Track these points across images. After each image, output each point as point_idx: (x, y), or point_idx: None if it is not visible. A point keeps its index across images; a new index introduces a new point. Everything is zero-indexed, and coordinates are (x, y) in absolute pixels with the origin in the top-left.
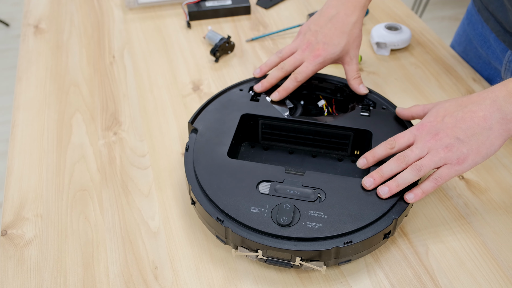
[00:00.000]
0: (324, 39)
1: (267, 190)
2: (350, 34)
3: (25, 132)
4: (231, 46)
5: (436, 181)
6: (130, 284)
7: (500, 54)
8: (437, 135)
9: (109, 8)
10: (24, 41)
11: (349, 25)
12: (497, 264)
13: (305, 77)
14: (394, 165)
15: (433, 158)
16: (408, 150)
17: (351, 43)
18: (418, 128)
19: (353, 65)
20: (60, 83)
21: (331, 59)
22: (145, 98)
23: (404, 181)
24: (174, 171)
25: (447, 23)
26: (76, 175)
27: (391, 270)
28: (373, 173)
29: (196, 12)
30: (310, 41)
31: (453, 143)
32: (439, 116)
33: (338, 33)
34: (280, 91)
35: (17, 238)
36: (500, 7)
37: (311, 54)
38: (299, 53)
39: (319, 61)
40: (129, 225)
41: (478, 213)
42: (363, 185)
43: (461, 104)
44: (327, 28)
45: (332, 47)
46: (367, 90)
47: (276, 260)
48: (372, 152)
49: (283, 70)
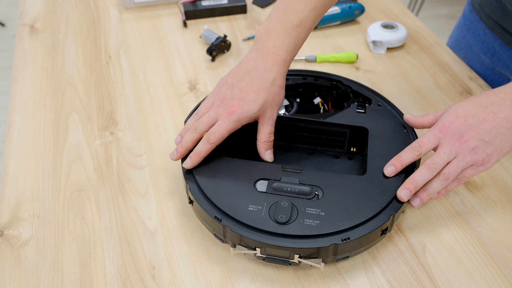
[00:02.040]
0: (240, 94)
1: (264, 188)
2: (269, 91)
3: (21, 133)
4: (228, 45)
5: (460, 180)
6: (128, 284)
7: (507, 61)
8: (462, 137)
9: (105, 8)
10: (20, 41)
11: (267, 82)
12: (494, 261)
13: (219, 137)
14: (427, 174)
15: (460, 164)
16: (437, 157)
17: (269, 102)
18: (441, 130)
19: (268, 126)
20: (56, 83)
21: (246, 117)
22: (141, 98)
23: (433, 190)
24: (171, 170)
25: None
26: (72, 175)
27: (388, 267)
28: (406, 184)
29: (192, 11)
30: (225, 96)
31: (479, 145)
32: (459, 116)
33: (255, 89)
34: (192, 157)
35: (13, 239)
36: (504, 16)
37: (225, 111)
38: (213, 111)
39: (233, 119)
40: (126, 225)
41: (474, 210)
42: (399, 198)
43: (481, 105)
44: (244, 82)
45: (248, 104)
46: (272, 159)
47: (274, 258)
48: (400, 159)
49: (196, 131)
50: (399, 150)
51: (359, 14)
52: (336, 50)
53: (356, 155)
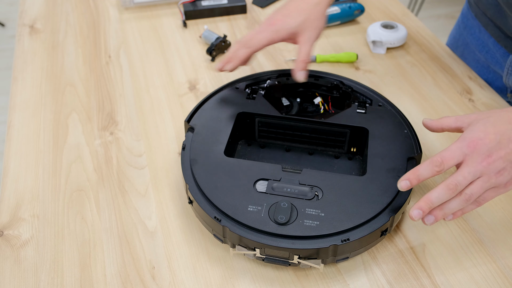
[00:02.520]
0: (285, 12)
1: (264, 189)
2: (311, 12)
3: (21, 133)
4: (227, 45)
5: (479, 203)
6: (127, 284)
7: (500, 59)
8: (490, 156)
9: (104, 8)
10: (20, 41)
11: (310, 5)
12: (493, 261)
13: (257, 43)
14: (445, 195)
15: (484, 185)
16: (460, 177)
17: (310, 23)
18: (468, 146)
19: (307, 47)
20: (56, 83)
21: (286, 30)
22: (141, 98)
23: (450, 210)
24: (171, 170)
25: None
26: (72, 175)
27: (388, 267)
28: (421, 204)
29: (192, 11)
30: (272, 16)
31: (506, 167)
32: (489, 133)
33: (299, 9)
34: (232, 60)
35: (13, 239)
36: (498, 13)
37: (267, 24)
38: (258, 27)
39: (273, 29)
40: (126, 225)
41: (475, 210)
42: (410, 217)
43: (510, 121)
44: (290, 4)
45: (289, 19)
46: (304, 79)
47: (273, 259)
48: (416, 174)
49: (239, 42)
50: (399, 150)
51: (359, 14)
52: (336, 50)
53: (356, 155)
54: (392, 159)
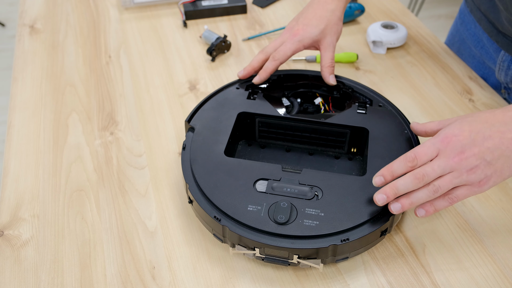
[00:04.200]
0: (304, 21)
1: (264, 188)
2: (329, 19)
3: (21, 133)
4: (228, 45)
5: (452, 200)
6: (128, 284)
7: (493, 54)
8: (462, 153)
9: (105, 8)
10: (20, 41)
11: (328, 11)
12: (494, 261)
13: (283, 55)
14: (411, 183)
15: (454, 180)
16: (429, 168)
17: (329, 29)
18: (442, 141)
19: (329, 52)
20: (56, 83)
21: (309, 39)
22: (141, 98)
23: (418, 200)
24: (171, 170)
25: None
26: (72, 175)
27: (388, 267)
28: (386, 189)
29: (192, 11)
30: (291, 26)
31: (479, 165)
32: (464, 130)
33: (317, 17)
34: (261, 73)
35: (13, 239)
36: (492, 8)
37: (290, 34)
38: (279, 37)
39: (297, 39)
40: (126, 225)
41: (474, 210)
42: (375, 201)
43: (487, 122)
44: (308, 12)
45: (310, 28)
46: (335, 82)
47: (273, 258)
48: (390, 169)
49: (263, 53)
50: (399, 151)
51: (359, 14)
52: (336, 50)
53: (357, 155)
54: (392, 159)
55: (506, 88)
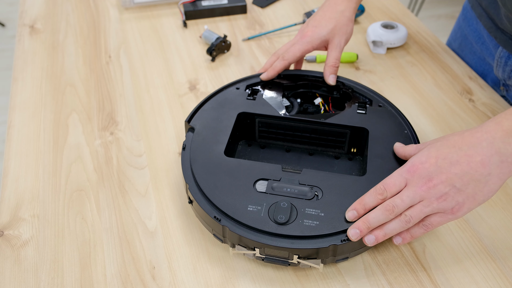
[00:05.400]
0: (314, 23)
1: (264, 189)
2: (338, 20)
3: (21, 133)
4: (228, 45)
5: (427, 227)
6: (128, 284)
7: (492, 50)
8: (430, 181)
9: (105, 8)
10: (20, 41)
11: (337, 12)
12: (494, 261)
13: (292, 55)
14: (382, 216)
15: (424, 209)
16: (398, 200)
17: (338, 29)
18: (408, 171)
19: (335, 52)
20: (56, 83)
21: (318, 39)
22: (141, 98)
23: (392, 231)
24: (171, 170)
25: (443, 22)
26: (72, 175)
27: (388, 267)
28: (359, 223)
29: (192, 11)
30: (302, 29)
31: (449, 192)
32: (431, 157)
33: (326, 18)
34: (269, 71)
35: (13, 239)
36: (492, 4)
37: (300, 37)
38: (291, 40)
39: (306, 40)
40: (126, 225)
41: (475, 210)
42: (348, 236)
43: (455, 146)
44: (317, 14)
45: (319, 29)
46: (334, 82)
47: (273, 258)
48: (362, 203)
49: (275, 54)
50: None
51: (359, 14)
52: None
53: (357, 155)
54: (392, 159)
55: (505, 85)
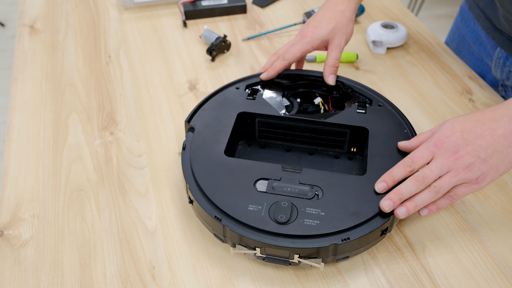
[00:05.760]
0: (314, 23)
1: (264, 188)
2: (338, 20)
3: (21, 133)
4: (227, 45)
5: (452, 198)
6: (128, 284)
7: (490, 51)
8: (457, 152)
9: (104, 8)
10: (20, 41)
11: (337, 13)
12: (494, 261)
13: (292, 55)
14: (413, 186)
15: (453, 180)
16: (428, 170)
17: (338, 29)
18: (435, 144)
19: (335, 52)
20: (56, 83)
21: (318, 40)
22: (141, 98)
23: (422, 202)
24: (171, 170)
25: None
26: (72, 175)
27: (388, 267)
28: (391, 195)
29: (192, 11)
30: (302, 29)
31: (474, 163)
32: (456, 131)
33: (327, 18)
34: (269, 71)
35: (13, 239)
36: (490, 4)
37: (300, 37)
38: (291, 40)
39: (306, 40)
40: (126, 225)
41: (474, 210)
42: (381, 208)
43: (478, 121)
44: (318, 14)
45: (319, 29)
46: (334, 83)
47: (274, 258)
48: (391, 175)
49: (275, 54)
50: (399, 150)
51: (359, 14)
52: None
53: (357, 155)
54: (392, 159)
55: (503, 86)
